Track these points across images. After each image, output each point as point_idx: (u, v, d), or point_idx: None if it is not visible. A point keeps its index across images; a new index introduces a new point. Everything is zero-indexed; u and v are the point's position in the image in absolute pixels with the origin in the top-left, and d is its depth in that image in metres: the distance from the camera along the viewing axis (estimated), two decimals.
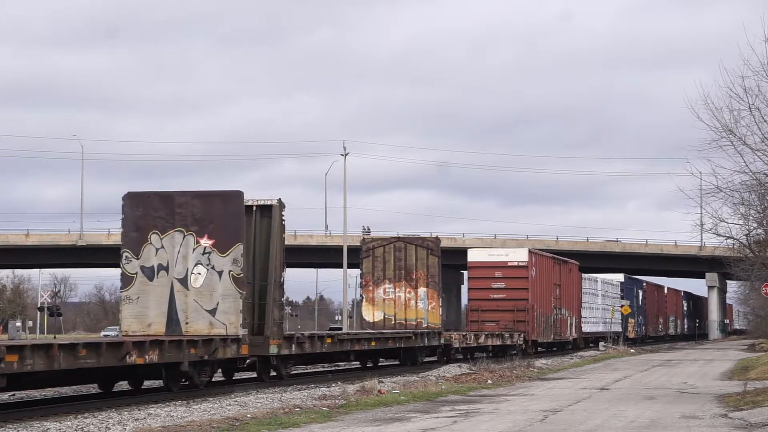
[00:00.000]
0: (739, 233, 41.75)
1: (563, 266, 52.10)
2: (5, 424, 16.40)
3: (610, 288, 64.82)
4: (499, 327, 43.67)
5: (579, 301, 55.39)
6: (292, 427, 15.94)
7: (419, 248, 36.71)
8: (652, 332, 79.87)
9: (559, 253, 68.94)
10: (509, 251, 46.64)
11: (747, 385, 24.54)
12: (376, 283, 37.03)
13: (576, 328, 54.28)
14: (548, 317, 47.75)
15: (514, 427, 15.77)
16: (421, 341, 34.82)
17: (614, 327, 64.69)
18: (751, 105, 27.71)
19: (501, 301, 44.35)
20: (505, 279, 44.55)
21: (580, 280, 56.18)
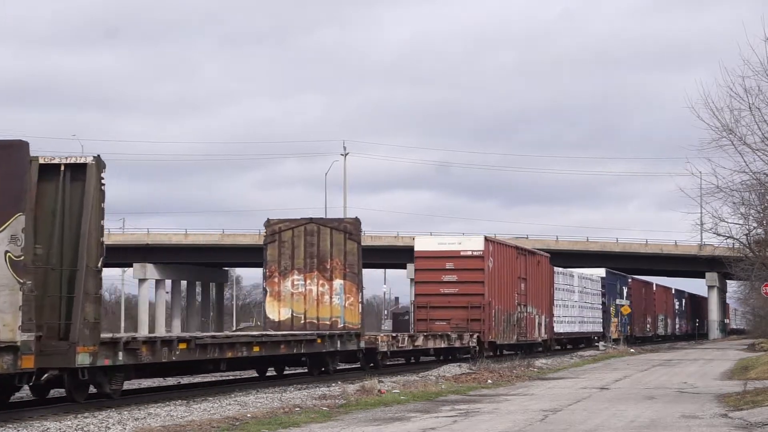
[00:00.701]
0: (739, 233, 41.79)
1: (530, 258, 46.74)
2: (5, 424, 16.40)
3: (589, 284, 59.47)
4: (450, 326, 38.86)
5: (551, 298, 50.06)
6: (292, 426, 15.94)
7: (335, 232, 30.60)
8: (639, 332, 74.18)
9: (560, 253, 68.23)
10: (462, 239, 40.49)
11: (747, 384, 24.54)
12: (283, 274, 30.85)
13: (547, 329, 49.03)
14: (510, 315, 42.62)
15: (514, 426, 15.77)
16: (331, 345, 28.70)
17: (595, 327, 60.35)
18: (751, 105, 27.76)
19: (453, 296, 39.25)
20: (458, 271, 39.26)
21: (552, 274, 50.94)
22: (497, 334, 40.69)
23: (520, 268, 44.24)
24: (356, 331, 30.25)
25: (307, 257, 30.76)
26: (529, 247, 62.81)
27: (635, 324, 72.30)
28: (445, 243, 40.29)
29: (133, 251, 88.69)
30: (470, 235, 41.37)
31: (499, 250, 41.43)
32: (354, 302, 30.63)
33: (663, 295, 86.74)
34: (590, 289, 59.42)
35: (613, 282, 66.37)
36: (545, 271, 49.31)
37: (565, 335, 53.87)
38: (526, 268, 45.38)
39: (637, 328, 73.58)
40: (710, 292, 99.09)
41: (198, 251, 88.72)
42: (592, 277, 60.86)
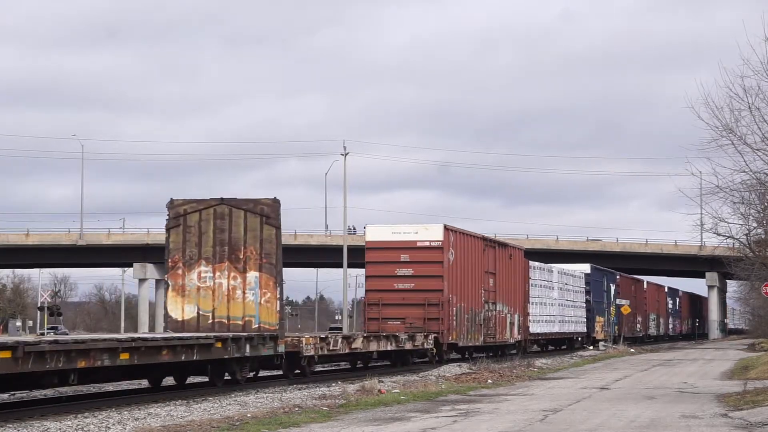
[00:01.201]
0: (739, 233, 41.80)
1: (500, 251, 42.13)
2: (5, 424, 16.40)
3: (571, 280, 54.72)
4: (405, 326, 34.77)
5: (525, 295, 45.75)
6: (292, 426, 15.95)
7: (250, 215, 26.10)
8: (628, 332, 68.98)
9: (560, 253, 67.23)
10: (419, 228, 35.82)
11: (747, 384, 24.54)
12: (188, 265, 26.29)
13: (521, 329, 44.74)
14: (476, 314, 38.36)
15: (514, 426, 15.77)
16: (237, 350, 23.74)
17: (577, 327, 55.68)
18: (751, 104, 27.80)
19: (408, 292, 35.15)
20: (414, 264, 35.27)
21: (527, 269, 46.57)
22: (459, 335, 36.52)
23: (487, 262, 39.97)
24: (272, 333, 25.30)
25: (217, 245, 26.03)
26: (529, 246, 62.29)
27: (624, 323, 67.94)
28: (400, 232, 35.75)
29: (133, 251, 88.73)
30: (428, 224, 36.32)
31: (462, 240, 37.11)
32: (271, 298, 25.60)
33: (655, 293, 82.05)
34: (572, 286, 54.86)
35: (599, 279, 61.84)
36: (519, 265, 44.89)
37: (542, 336, 49.49)
38: (495, 261, 41.02)
39: (626, 328, 68.87)
40: (710, 292, 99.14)
41: None
42: (575, 274, 56.16)
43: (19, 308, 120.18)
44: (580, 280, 56.67)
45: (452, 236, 36.02)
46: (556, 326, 51.15)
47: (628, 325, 69.35)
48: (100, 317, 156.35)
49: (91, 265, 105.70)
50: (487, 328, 39.60)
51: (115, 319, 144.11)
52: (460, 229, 37.52)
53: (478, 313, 38.72)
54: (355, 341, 30.11)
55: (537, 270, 48.23)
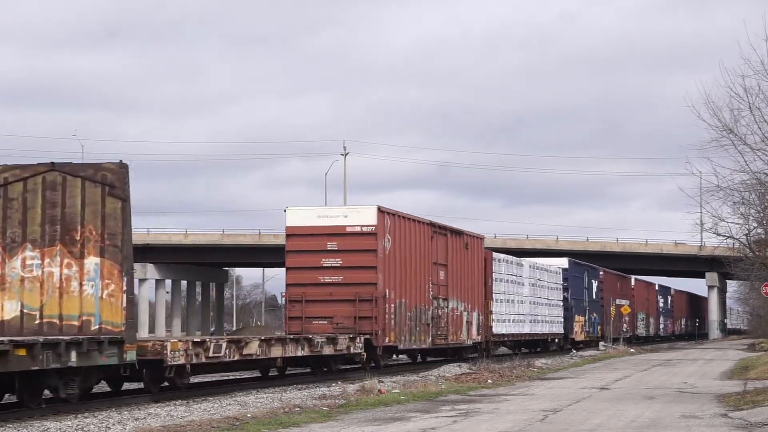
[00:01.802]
0: (739, 233, 41.82)
1: (453, 239, 37.07)
2: (5, 424, 16.40)
3: (546, 276, 50.08)
4: (332, 326, 30.27)
5: (488, 290, 41.14)
6: (292, 426, 15.96)
7: (89, 184, 20.04)
8: (614, 333, 64.12)
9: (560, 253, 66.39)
10: (349, 211, 31.37)
11: (747, 384, 24.55)
12: (10, 250, 20.19)
13: (481, 329, 40.11)
14: (421, 312, 33.61)
15: (514, 426, 15.78)
16: (56, 359, 17.80)
17: (553, 327, 50.94)
18: (751, 104, 27.83)
19: (336, 286, 30.42)
20: (343, 253, 30.54)
21: (490, 261, 41.76)
22: (399, 336, 31.80)
23: (436, 251, 35.04)
24: (114, 336, 19.35)
25: (47, 223, 20.10)
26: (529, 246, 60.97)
27: (608, 323, 63.23)
28: (327, 216, 30.89)
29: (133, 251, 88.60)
30: (359, 206, 31.47)
31: (402, 225, 32.31)
32: (116, 291, 19.77)
33: (644, 291, 77.78)
34: (547, 282, 50.09)
35: (579, 275, 56.90)
36: (478, 256, 40.06)
37: (509, 337, 44.52)
38: (447, 251, 36.15)
39: (611, 328, 63.79)
40: (710, 292, 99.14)
41: (198, 251, 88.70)
42: (550, 269, 51.36)
43: None
44: (557, 276, 52.09)
45: (389, 220, 31.26)
46: (527, 326, 46.27)
47: (613, 325, 64.31)
48: None
49: None
50: (436, 328, 34.79)
51: None
52: (400, 212, 32.50)
53: (425, 310, 33.95)
54: (248, 346, 24.12)
55: (502, 263, 43.44)
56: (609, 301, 63.13)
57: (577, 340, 55.63)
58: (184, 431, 15.58)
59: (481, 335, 40.26)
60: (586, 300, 57.92)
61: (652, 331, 79.98)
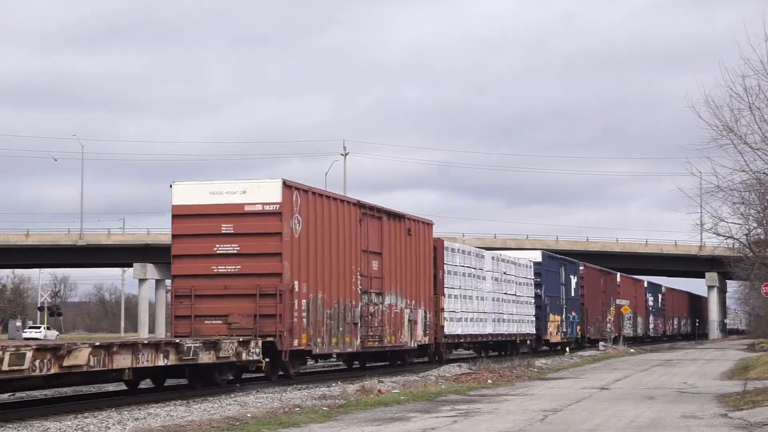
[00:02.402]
0: (738, 233, 41.78)
1: (391, 223, 31.69)
2: (5, 424, 16.40)
3: (513, 270, 45.09)
4: (228, 327, 25.00)
5: (439, 284, 35.95)
6: (292, 426, 15.95)
7: None
8: (595, 333, 59.58)
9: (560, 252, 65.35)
10: (249, 185, 25.64)
11: (747, 384, 24.55)
12: None
13: (429, 328, 34.77)
14: (345, 308, 28.19)
15: (514, 426, 15.78)
16: None
17: (523, 327, 45.87)
18: (751, 104, 27.80)
19: (232, 278, 25.16)
20: (241, 237, 25.28)
21: (442, 251, 36.42)
22: (314, 338, 26.46)
23: (365, 237, 29.73)
24: None
25: None
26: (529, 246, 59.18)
27: (589, 322, 58.05)
28: (222, 192, 25.67)
29: (133, 251, 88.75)
30: (261, 180, 25.88)
31: (318, 205, 27.18)
32: None
33: (631, 289, 72.44)
34: (515, 276, 45.20)
35: (554, 269, 51.73)
36: (425, 245, 34.73)
37: (467, 338, 39.23)
38: (382, 237, 30.68)
39: (592, 329, 58.93)
40: (710, 292, 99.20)
41: None
42: (519, 262, 46.24)
43: (20, 308, 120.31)
44: (527, 270, 47.16)
45: (300, 197, 26.05)
46: (489, 326, 41.26)
47: (594, 325, 59.68)
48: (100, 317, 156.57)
49: (91, 265, 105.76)
50: (367, 328, 29.74)
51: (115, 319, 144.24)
52: (315, 188, 27.45)
53: (351, 307, 28.65)
54: (72, 355, 18.14)
55: (457, 254, 38.12)
56: (591, 299, 58.89)
57: (552, 342, 50.79)
58: (184, 431, 15.58)
59: (430, 336, 34.90)
60: (563, 297, 52.92)
61: (640, 331, 74.76)
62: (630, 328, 69.60)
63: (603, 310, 62.13)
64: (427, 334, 34.58)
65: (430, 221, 35.96)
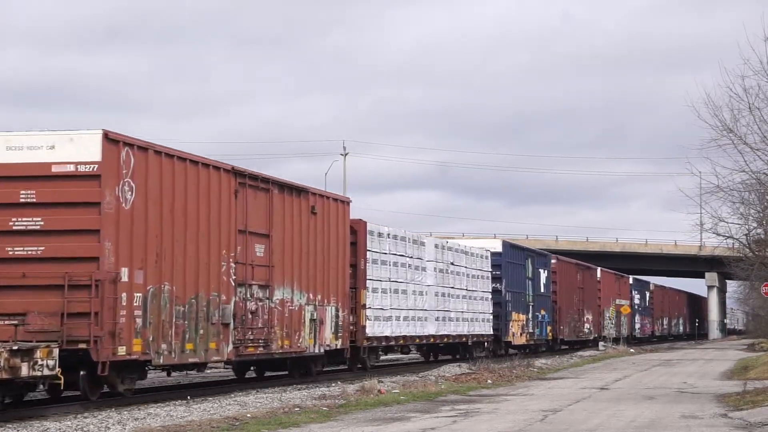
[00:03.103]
0: (738, 233, 41.79)
1: (285, 198, 25.11)
2: (5, 424, 16.40)
3: (464, 260, 38.84)
4: (25, 329, 18.29)
5: (358, 276, 29.70)
6: (291, 426, 15.96)
7: None
8: (570, 334, 53.57)
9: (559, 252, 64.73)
10: (59, 138, 19.17)
11: (747, 384, 24.57)
12: None
13: (344, 330, 28.37)
14: (206, 305, 21.76)
15: (514, 426, 15.78)
16: None
17: (477, 327, 39.83)
18: (751, 104, 27.80)
19: (33, 263, 18.83)
20: (46, 209, 18.99)
21: (364, 235, 30.00)
22: (154, 343, 20.04)
23: (245, 214, 23.36)
24: None
25: None
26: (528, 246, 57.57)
27: (562, 322, 51.85)
28: (22, 147, 19.15)
29: None
30: (75, 131, 19.40)
31: (163, 167, 20.61)
32: None
33: (613, 286, 66.22)
34: (467, 268, 39.08)
35: (519, 261, 45.38)
36: (338, 227, 28.31)
37: (398, 340, 33.08)
38: (271, 215, 24.12)
39: (566, 329, 52.89)
40: (710, 292, 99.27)
41: None
42: (472, 251, 40.03)
43: None
44: (483, 261, 41.10)
45: (133, 157, 19.67)
46: (432, 326, 35.34)
47: (569, 325, 53.42)
48: None
49: None
50: (245, 330, 23.24)
51: None
52: (159, 146, 20.60)
53: (220, 303, 22.27)
54: None
55: (386, 239, 31.62)
56: (565, 296, 52.84)
57: (515, 344, 44.74)
58: (184, 431, 15.58)
59: (344, 338, 28.62)
60: (530, 293, 46.53)
61: (624, 331, 67.84)
62: (612, 329, 63.66)
63: (580, 308, 55.97)
64: (340, 337, 28.25)
65: (347, 198, 29.96)
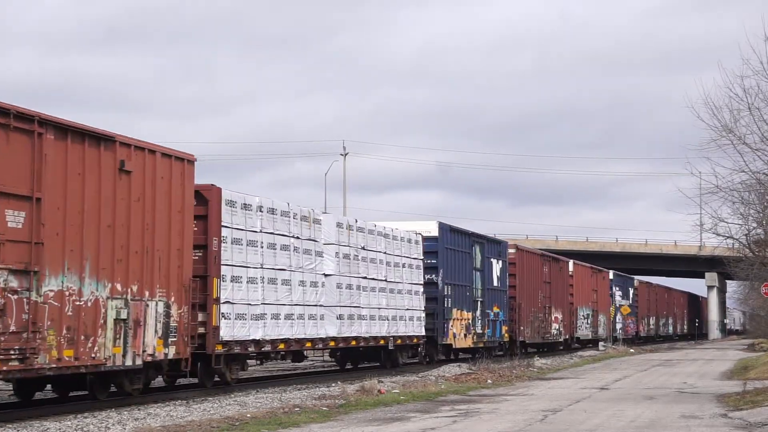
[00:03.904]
0: (738, 233, 41.80)
1: (60, 145, 17.41)
2: (5, 424, 16.40)
3: (383, 244, 31.50)
4: None
5: (209, 261, 22.68)
6: (291, 426, 15.95)
7: None
8: (532, 335, 45.64)
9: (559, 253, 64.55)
10: None
11: (746, 384, 24.57)
12: None
13: (181, 333, 20.90)
14: None
15: (513, 426, 15.78)
16: None
17: (401, 327, 32.39)
18: (750, 105, 27.79)
19: None
20: None
21: (215, 208, 22.91)
22: None
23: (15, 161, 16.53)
24: None
25: None
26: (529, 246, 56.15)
27: (522, 322, 44.11)
28: None
29: None
30: None
31: None
32: None
33: (589, 281, 58.67)
34: (386, 255, 31.70)
35: (462, 248, 37.64)
36: (172, 193, 20.87)
37: (275, 345, 25.26)
38: (42, 170, 16.91)
39: (528, 330, 45.00)
40: (710, 292, 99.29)
41: None
42: (395, 235, 32.42)
43: None
44: (413, 247, 33.52)
45: None
46: (332, 326, 28.00)
47: (532, 325, 45.66)
48: None
49: None
50: None
51: None
52: None
53: None
54: None
55: (253, 213, 24.48)
56: (526, 292, 45.09)
57: (458, 347, 37.16)
58: (184, 431, 15.58)
59: (180, 345, 21.03)
60: (478, 287, 39.19)
61: (602, 332, 61.06)
62: (588, 329, 57.02)
63: (546, 306, 48.21)
64: (172, 343, 20.78)
65: (188, 155, 21.60)
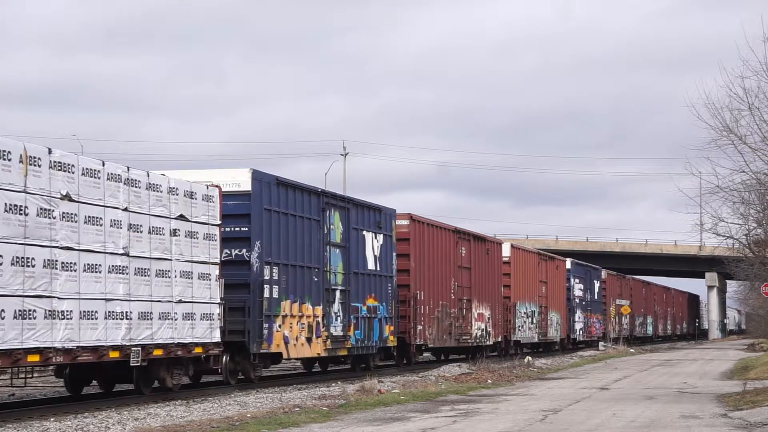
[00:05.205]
0: (738, 233, 41.82)
1: None
2: (5, 424, 16.40)
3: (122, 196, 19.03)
4: None
5: None
6: (291, 426, 15.95)
7: None
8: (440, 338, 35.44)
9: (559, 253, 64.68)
10: None
11: (747, 384, 24.56)
12: None
13: None
14: None
15: (514, 426, 15.78)
16: None
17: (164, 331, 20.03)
18: (750, 105, 27.81)
19: None
20: None
21: None
22: None
23: None
24: None
25: None
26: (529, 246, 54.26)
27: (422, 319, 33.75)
28: None
29: None
30: None
31: None
32: None
33: (534, 271, 48.68)
34: (126, 210, 19.19)
35: (302, 213, 26.08)
36: None
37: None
38: None
39: (433, 330, 34.68)
40: (710, 292, 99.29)
41: None
42: (152, 182, 20.00)
43: None
44: (199, 207, 21.52)
45: None
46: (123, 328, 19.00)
47: (436, 325, 34.99)
48: None
49: None
50: None
51: None
52: None
53: None
54: None
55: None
56: (428, 280, 34.68)
57: (295, 357, 26.59)
58: (184, 431, 15.58)
59: None
60: (337, 271, 28.12)
61: (554, 333, 51.29)
62: (533, 330, 47.17)
63: (464, 299, 37.86)
64: None
65: None
